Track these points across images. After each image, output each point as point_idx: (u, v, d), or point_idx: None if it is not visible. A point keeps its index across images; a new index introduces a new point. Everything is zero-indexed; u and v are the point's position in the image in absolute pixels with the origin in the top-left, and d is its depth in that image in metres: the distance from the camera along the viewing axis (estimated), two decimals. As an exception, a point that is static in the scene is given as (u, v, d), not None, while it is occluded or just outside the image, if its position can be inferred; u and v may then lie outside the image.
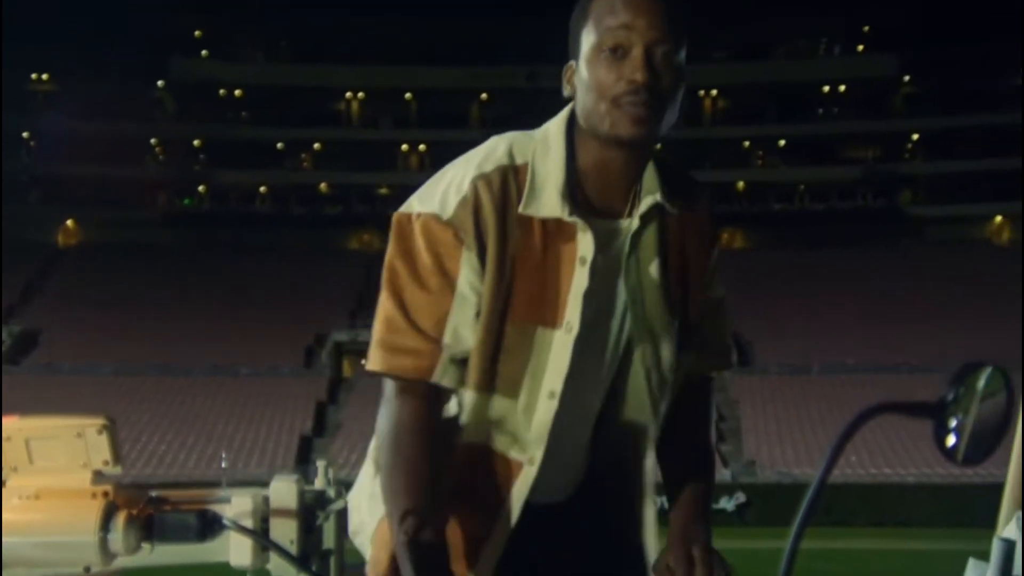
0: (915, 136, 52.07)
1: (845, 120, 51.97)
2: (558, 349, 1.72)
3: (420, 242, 1.72)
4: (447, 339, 1.72)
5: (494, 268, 1.70)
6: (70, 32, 44.81)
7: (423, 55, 51.16)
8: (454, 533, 1.74)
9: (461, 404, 1.77)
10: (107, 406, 36.53)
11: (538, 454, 1.75)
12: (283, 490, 1.46)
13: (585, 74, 1.69)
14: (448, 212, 1.71)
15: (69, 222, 50.49)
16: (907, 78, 52.14)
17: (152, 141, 51.96)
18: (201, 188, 52.76)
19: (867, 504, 28.83)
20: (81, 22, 44.72)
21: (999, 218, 51.33)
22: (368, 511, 1.84)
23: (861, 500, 28.41)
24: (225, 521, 1.42)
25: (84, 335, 40.03)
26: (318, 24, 52.21)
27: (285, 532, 1.46)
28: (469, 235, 1.70)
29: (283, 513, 1.46)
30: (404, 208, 1.78)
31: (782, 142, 52.89)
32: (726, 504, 28.18)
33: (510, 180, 1.71)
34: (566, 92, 1.77)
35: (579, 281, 1.71)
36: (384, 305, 1.75)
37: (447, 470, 1.72)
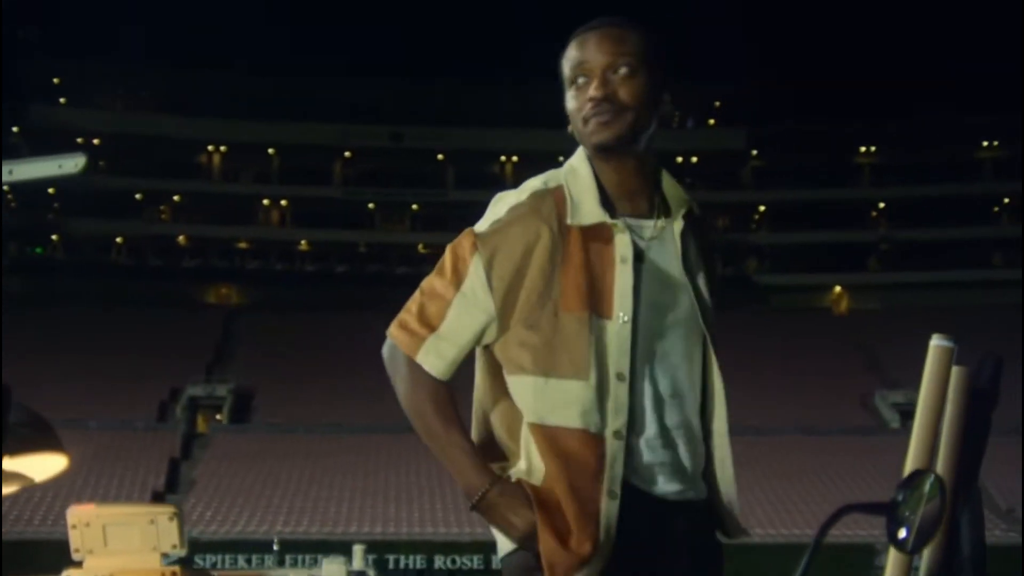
0: (761, 208, 54.26)
1: (697, 190, 53.58)
2: (615, 336, 1.96)
3: (450, 248, 2.07)
4: (442, 327, 2.01)
5: (535, 272, 1.98)
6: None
7: (287, 111, 51.14)
8: (567, 512, 1.95)
9: (533, 389, 1.99)
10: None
11: (621, 428, 1.95)
12: (333, 572, 1.76)
13: (568, 107, 2.07)
14: (481, 228, 2.05)
15: (-89, 268, 48.64)
16: (755, 152, 54.34)
17: (4, 187, 50.55)
18: (54, 237, 51.42)
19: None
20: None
21: (838, 288, 53.72)
22: None
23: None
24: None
25: (-74, 386, 38.48)
26: (180, 75, 51.76)
27: (336, 607, 1.71)
28: (487, 247, 2.01)
29: (332, 591, 1.70)
30: None
31: (637, 209, 54.40)
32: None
33: (548, 201, 2.02)
34: (569, 130, 2.11)
35: (623, 277, 1.98)
36: (416, 291, 2.08)
37: (553, 456, 1.96)
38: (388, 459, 37.79)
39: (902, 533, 1.47)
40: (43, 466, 1.55)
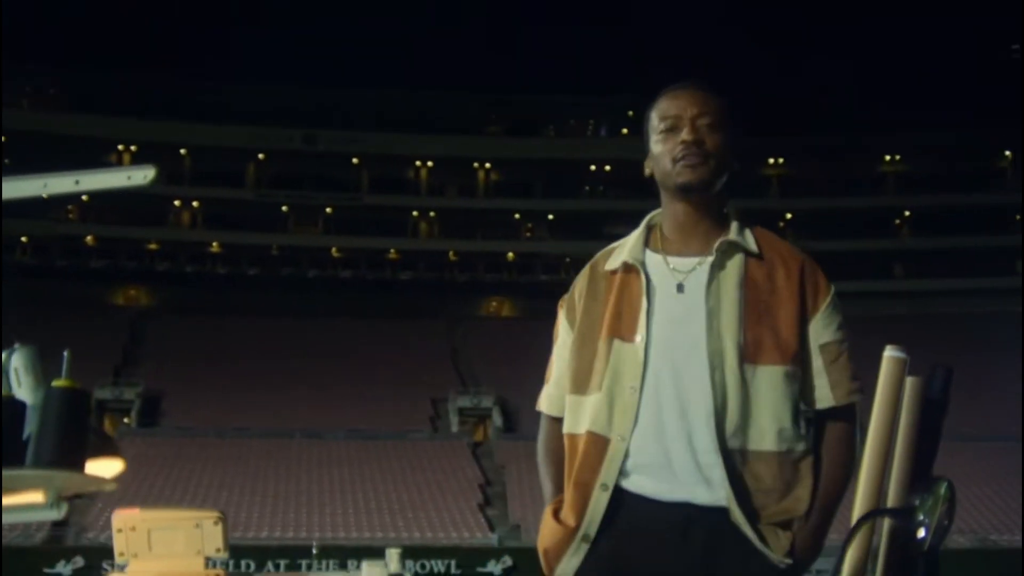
0: (673, 216, 54.89)
1: (608, 198, 54.18)
2: (632, 355, 2.25)
3: None
4: (552, 378, 2.44)
5: (582, 311, 2.37)
6: None
7: (200, 111, 50.55)
8: (567, 502, 2.28)
9: (570, 406, 2.34)
10: None
11: (626, 432, 2.23)
12: (374, 573, 1.78)
13: (656, 150, 2.36)
14: (565, 294, 2.47)
15: None
16: (666, 162, 54.98)
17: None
18: (-44, 236, 50.16)
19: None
20: None
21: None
22: None
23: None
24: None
25: None
26: (90, 74, 50.88)
27: (379, 609, 1.77)
28: (565, 303, 2.44)
29: (375, 592, 1.77)
30: None
31: (550, 216, 54.85)
32: (493, 568, 28.76)
33: (601, 257, 2.42)
34: (647, 173, 2.42)
35: (643, 306, 2.28)
36: None
37: (573, 457, 2.31)
38: (300, 464, 37.58)
39: (921, 533, 1.63)
40: (106, 469, 1.67)
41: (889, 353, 1.89)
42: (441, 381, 44.64)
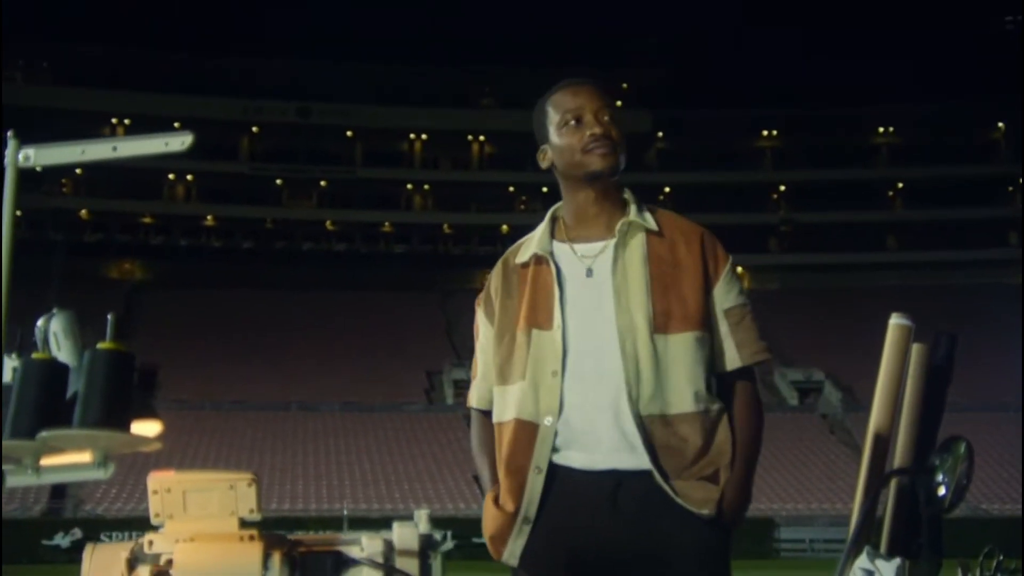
0: (667, 189, 54.97)
1: (603, 171, 54.11)
2: (550, 342, 2.36)
3: None
4: (478, 375, 2.54)
5: (499, 307, 2.47)
6: None
7: (194, 84, 50.35)
8: (504, 488, 2.39)
9: (497, 397, 2.46)
10: None
11: (553, 415, 2.34)
12: (405, 534, 1.70)
13: (558, 142, 2.47)
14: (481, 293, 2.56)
15: None
16: (660, 134, 54.97)
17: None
18: (-51, 209, 49.91)
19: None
20: None
21: (739, 268, 54.47)
22: None
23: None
24: (361, 559, 1.66)
25: None
26: (83, 48, 50.62)
27: (409, 570, 1.67)
28: (482, 302, 2.52)
29: (406, 553, 1.69)
30: None
31: (544, 188, 54.72)
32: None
33: (513, 251, 2.52)
34: (543, 166, 2.53)
35: (556, 293, 2.39)
36: None
37: (503, 445, 2.42)
38: (296, 436, 37.70)
39: (941, 491, 1.68)
40: (145, 431, 1.72)
41: (895, 320, 1.92)
42: (436, 353, 44.73)
